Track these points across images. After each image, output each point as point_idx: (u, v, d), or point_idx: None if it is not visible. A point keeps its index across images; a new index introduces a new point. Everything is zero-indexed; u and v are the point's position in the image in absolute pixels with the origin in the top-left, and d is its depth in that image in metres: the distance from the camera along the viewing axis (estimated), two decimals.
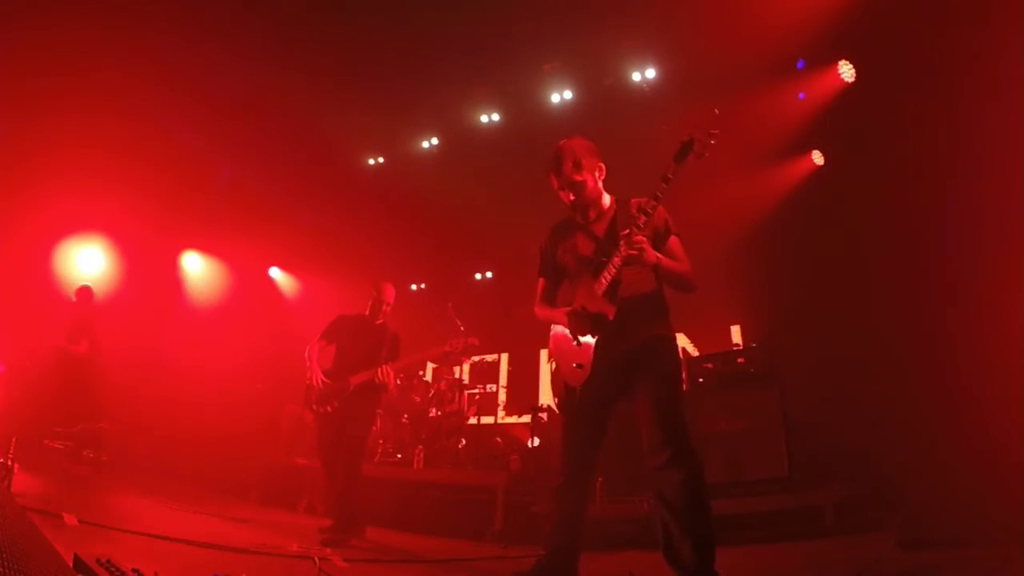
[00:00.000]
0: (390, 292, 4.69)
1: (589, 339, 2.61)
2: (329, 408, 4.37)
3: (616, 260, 2.50)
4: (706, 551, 2.31)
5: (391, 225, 8.61)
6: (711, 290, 6.21)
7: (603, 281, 2.56)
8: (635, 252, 2.42)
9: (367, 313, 4.66)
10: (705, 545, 2.31)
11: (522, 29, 6.31)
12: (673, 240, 2.68)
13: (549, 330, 2.88)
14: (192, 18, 6.16)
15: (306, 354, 4.55)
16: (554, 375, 2.85)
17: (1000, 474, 3.23)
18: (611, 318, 2.53)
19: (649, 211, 2.45)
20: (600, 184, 2.76)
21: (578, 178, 2.66)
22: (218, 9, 6.09)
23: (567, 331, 2.71)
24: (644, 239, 2.45)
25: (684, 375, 5.24)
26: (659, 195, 2.43)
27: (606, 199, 2.80)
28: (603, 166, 2.75)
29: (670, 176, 2.42)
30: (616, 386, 2.61)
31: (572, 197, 2.70)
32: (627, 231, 2.46)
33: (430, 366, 8.24)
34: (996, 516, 2.95)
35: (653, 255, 2.48)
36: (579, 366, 2.63)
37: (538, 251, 2.94)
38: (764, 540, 3.96)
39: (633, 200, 2.70)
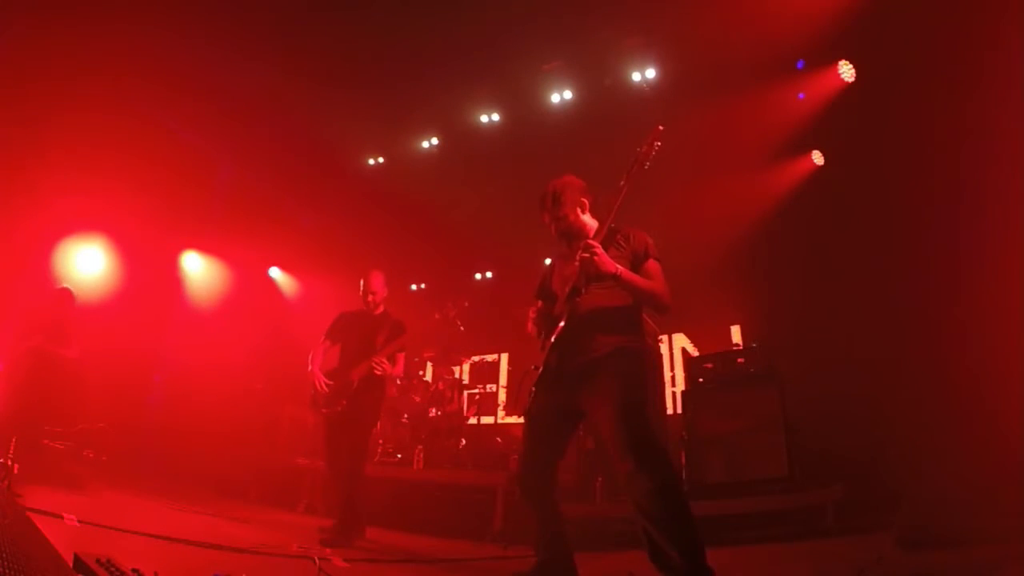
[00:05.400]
0: (375, 280, 4.57)
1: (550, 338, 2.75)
2: (338, 408, 4.34)
3: (577, 266, 2.61)
4: (693, 552, 2.27)
5: (391, 225, 8.61)
6: (711, 290, 6.23)
7: (566, 289, 2.68)
8: (587, 255, 2.52)
9: (364, 306, 4.64)
10: (691, 546, 2.27)
11: (522, 29, 6.31)
12: (651, 264, 2.74)
13: None
14: (193, 18, 6.15)
15: (309, 358, 4.54)
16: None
17: (1001, 473, 3.23)
18: (562, 321, 2.67)
19: (605, 221, 2.65)
20: (584, 216, 2.91)
21: (559, 212, 2.86)
22: (218, 9, 6.08)
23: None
24: (596, 244, 2.56)
25: (685, 375, 5.29)
26: (613, 207, 2.63)
27: (593, 229, 2.88)
28: (586, 201, 2.92)
29: (621, 184, 2.61)
30: (576, 398, 2.65)
31: (555, 230, 2.90)
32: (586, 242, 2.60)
33: (430, 366, 8.23)
34: (996, 516, 2.95)
35: (609, 264, 2.55)
36: (536, 367, 2.74)
37: (539, 277, 3.13)
38: (764, 540, 3.96)
39: (623, 229, 2.82)
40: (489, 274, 9.35)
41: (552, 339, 2.69)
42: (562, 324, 2.67)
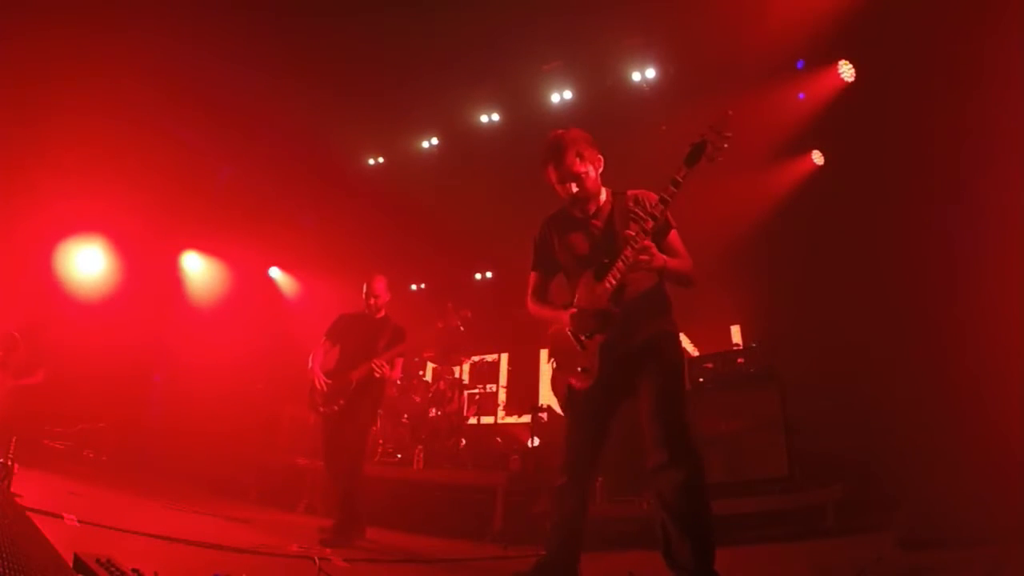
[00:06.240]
0: (378, 284, 4.60)
1: (595, 339, 2.58)
2: (335, 407, 4.36)
3: (621, 265, 2.46)
4: (705, 552, 2.29)
5: (391, 225, 8.61)
6: (711, 290, 6.21)
7: (608, 285, 2.51)
8: (646, 258, 2.41)
9: (365, 309, 4.66)
10: (704, 546, 2.29)
11: (522, 29, 6.31)
12: (673, 234, 2.65)
13: (547, 327, 2.84)
14: (192, 19, 6.15)
15: (309, 357, 4.54)
16: (555, 375, 2.82)
17: (1001, 474, 3.23)
18: (617, 319, 2.52)
19: (657, 215, 2.41)
20: (599, 177, 2.72)
21: (581, 169, 2.60)
22: (218, 10, 6.08)
23: (569, 331, 2.66)
24: (652, 244, 2.42)
25: (685, 374, 5.27)
26: (668, 198, 2.38)
27: (603, 193, 2.75)
28: (601, 158, 2.71)
29: (680, 179, 2.35)
30: (621, 385, 2.59)
31: (575, 189, 2.63)
32: (634, 234, 2.42)
33: (430, 366, 8.23)
34: (996, 516, 2.95)
35: (661, 259, 2.46)
36: (584, 370, 2.60)
37: (532, 243, 2.88)
38: (764, 540, 3.96)
39: (630, 192, 2.68)
40: (489, 274, 9.34)
41: (599, 340, 2.56)
42: (612, 327, 2.53)
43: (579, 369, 2.62)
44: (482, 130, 7.78)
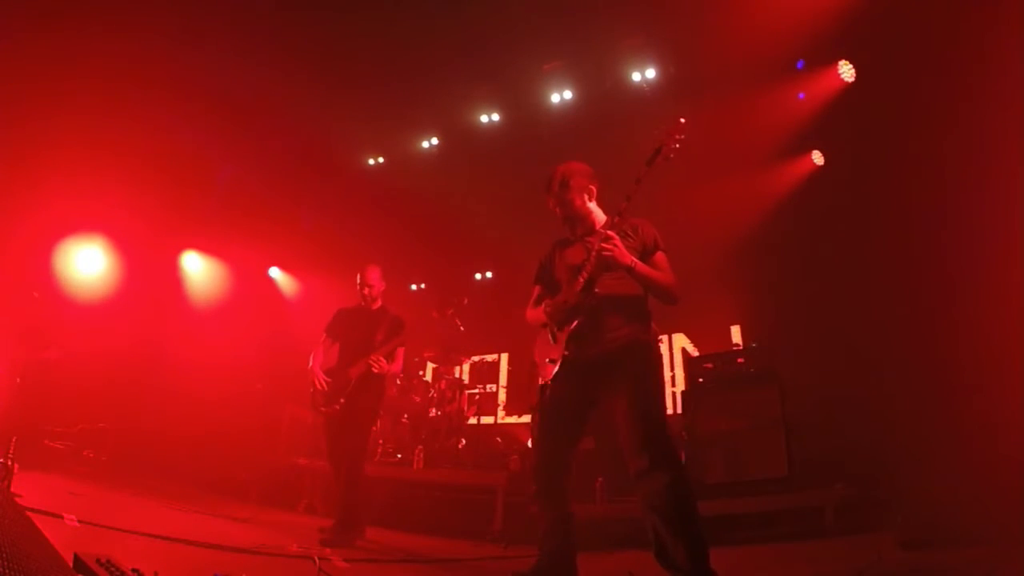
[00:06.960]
0: (371, 273, 4.58)
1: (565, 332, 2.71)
2: (337, 406, 4.35)
3: (593, 257, 2.61)
4: (699, 552, 2.32)
5: (391, 225, 8.61)
6: (711, 290, 6.23)
7: (580, 279, 2.67)
8: (608, 246, 2.53)
9: (361, 301, 4.64)
10: (697, 546, 2.33)
11: (522, 29, 6.31)
12: (660, 256, 2.77)
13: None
14: (191, 18, 6.15)
15: (310, 357, 4.53)
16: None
17: (1000, 474, 3.23)
18: (584, 311, 2.66)
19: (621, 210, 2.63)
20: (590, 204, 2.91)
21: (566, 196, 2.85)
22: (218, 9, 6.09)
23: (544, 325, 2.82)
24: (616, 235, 2.58)
25: (685, 375, 5.29)
26: (630, 196, 2.61)
27: (599, 216, 2.92)
28: (594, 188, 2.92)
29: (640, 178, 2.62)
30: (591, 388, 2.67)
31: (559, 211, 2.88)
32: (602, 229, 2.62)
33: (430, 366, 8.23)
34: (996, 516, 2.95)
35: (627, 256, 2.58)
36: (552, 361, 2.71)
37: (538, 262, 3.08)
38: (764, 540, 3.96)
39: (630, 219, 2.82)
40: (489, 274, 9.34)
41: (568, 331, 2.68)
42: (579, 316, 2.68)
43: (547, 360, 2.74)
44: (482, 130, 7.78)
